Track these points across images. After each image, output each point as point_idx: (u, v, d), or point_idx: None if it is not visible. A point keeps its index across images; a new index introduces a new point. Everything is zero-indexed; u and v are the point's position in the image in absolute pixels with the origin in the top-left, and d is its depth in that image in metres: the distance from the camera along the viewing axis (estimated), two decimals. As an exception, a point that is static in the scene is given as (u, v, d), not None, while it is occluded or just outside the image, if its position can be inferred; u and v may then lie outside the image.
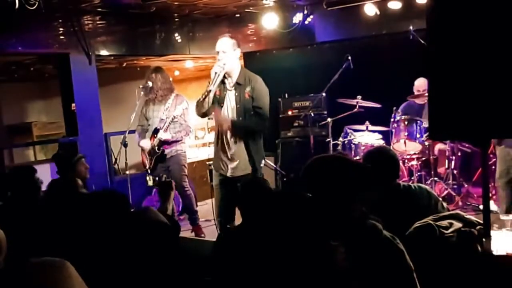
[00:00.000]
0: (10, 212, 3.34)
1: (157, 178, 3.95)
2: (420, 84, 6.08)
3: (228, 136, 4.27)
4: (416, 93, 6.12)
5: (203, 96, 4.16)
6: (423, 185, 3.24)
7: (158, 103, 5.54)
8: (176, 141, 5.51)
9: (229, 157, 4.30)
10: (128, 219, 2.40)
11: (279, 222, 1.98)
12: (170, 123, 5.38)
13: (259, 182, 2.86)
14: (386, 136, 6.08)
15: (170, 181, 3.49)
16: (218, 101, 4.27)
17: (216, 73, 4.13)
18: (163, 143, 5.43)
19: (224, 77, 4.22)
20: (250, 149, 4.24)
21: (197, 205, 5.89)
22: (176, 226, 2.90)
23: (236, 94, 4.22)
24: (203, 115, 4.34)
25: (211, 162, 4.65)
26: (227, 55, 4.16)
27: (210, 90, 4.13)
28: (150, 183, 5.38)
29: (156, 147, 5.43)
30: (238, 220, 3.31)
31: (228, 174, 4.33)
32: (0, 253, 2.49)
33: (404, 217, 2.80)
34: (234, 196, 4.24)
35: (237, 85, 4.22)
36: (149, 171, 5.58)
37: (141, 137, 5.63)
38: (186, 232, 5.73)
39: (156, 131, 5.43)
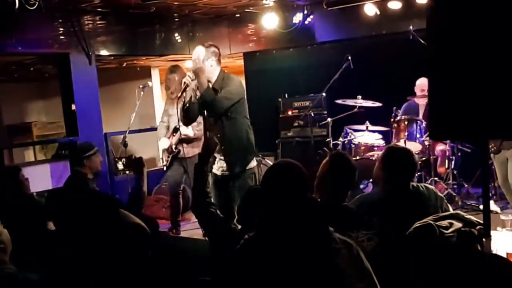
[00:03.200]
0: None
1: (123, 160, 4.01)
2: (424, 83, 6.08)
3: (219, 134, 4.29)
4: (420, 92, 6.10)
5: (185, 108, 4.32)
6: (429, 186, 3.23)
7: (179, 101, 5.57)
8: (197, 139, 5.54)
9: (220, 155, 4.32)
10: (100, 224, 2.39)
11: (290, 226, 1.97)
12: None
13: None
14: (386, 136, 6.08)
15: (140, 157, 3.59)
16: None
17: (184, 82, 4.28)
18: (182, 140, 5.43)
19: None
20: (239, 148, 4.27)
21: None
22: (151, 223, 2.87)
23: None
24: (189, 122, 4.53)
25: None
26: (196, 63, 4.31)
27: (191, 102, 4.27)
28: (121, 166, 5.40)
29: (174, 146, 5.48)
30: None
31: (219, 172, 4.34)
32: (6, 252, 2.49)
33: (415, 217, 2.78)
34: (228, 195, 4.28)
35: (214, 90, 4.29)
36: (165, 168, 5.62)
37: (161, 134, 5.69)
38: (190, 232, 5.68)
39: (175, 129, 5.45)
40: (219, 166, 4.35)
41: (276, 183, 2.06)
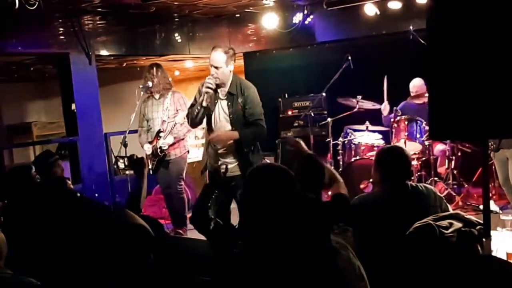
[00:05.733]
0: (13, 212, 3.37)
1: (125, 159, 3.95)
2: (414, 84, 6.10)
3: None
4: (413, 94, 6.13)
5: (196, 112, 4.19)
6: (428, 185, 3.23)
7: (156, 102, 5.55)
8: (179, 141, 5.55)
9: (227, 157, 4.30)
10: (102, 223, 2.39)
11: (285, 226, 1.97)
12: (172, 128, 5.41)
13: None
14: (386, 136, 6.07)
15: (141, 158, 3.54)
16: (208, 110, 4.24)
17: (209, 87, 4.08)
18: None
19: (217, 86, 4.19)
20: (247, 150, 4.26)
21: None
22: (155, 225, 2.86)
23: (229, 103, 4.19)
24: (195, 126, 4.49)
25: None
26: (221, 70, 4.12)
27: (203, 106, 4.14)
28: (122, 165, 5.39)
29: (159, 150, 5.47)
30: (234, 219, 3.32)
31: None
32: (0, 257, 2.48)
33: (414, 217, 2.78)
34: (229, 197, 4.27)
35: (230, 94, 4.20)
36: (151, 172, 5.61)
37: (143, 139, 5.66)
38: (191, 232, 5.65)
39: (159, 132, 5.46)
40: (224, 167, 4.33)
41: (253, 187, 2.09)
